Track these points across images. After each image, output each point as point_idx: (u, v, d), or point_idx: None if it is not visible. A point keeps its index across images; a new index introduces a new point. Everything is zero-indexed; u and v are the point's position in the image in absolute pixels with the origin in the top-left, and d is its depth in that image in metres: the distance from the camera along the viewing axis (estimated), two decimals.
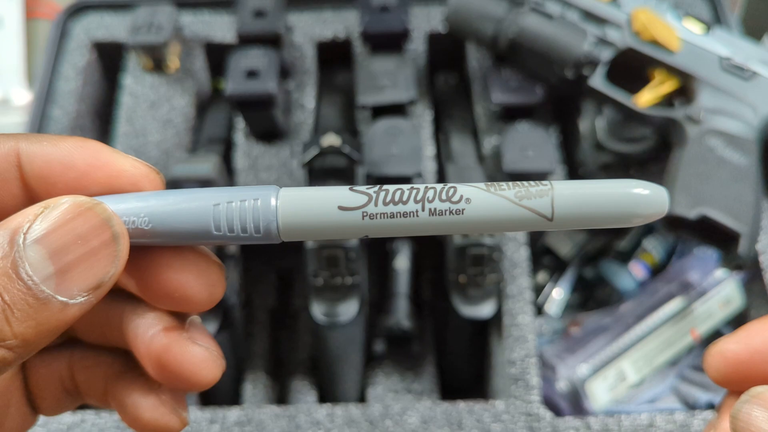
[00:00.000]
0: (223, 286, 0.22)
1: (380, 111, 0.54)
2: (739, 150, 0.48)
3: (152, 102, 0.59)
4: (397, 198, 0.19)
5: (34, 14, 0.79)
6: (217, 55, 0.60)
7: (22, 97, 0.75)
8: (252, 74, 0.52)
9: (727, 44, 0.51)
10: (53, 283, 0.17)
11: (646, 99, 0.51)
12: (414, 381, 0.54)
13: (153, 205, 0.19)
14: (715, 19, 0.61)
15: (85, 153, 0.20)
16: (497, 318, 0.50)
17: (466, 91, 0.61)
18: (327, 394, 0.53)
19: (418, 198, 0.19)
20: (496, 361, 0.51)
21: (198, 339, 0.22)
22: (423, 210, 0.19)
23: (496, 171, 0.54)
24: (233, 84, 0.52)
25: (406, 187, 0.19)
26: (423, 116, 0.56)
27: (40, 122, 0.58)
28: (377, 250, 0.53)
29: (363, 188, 0.19)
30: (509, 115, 0.55)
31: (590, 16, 0.52)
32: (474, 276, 0.47)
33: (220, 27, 0.62)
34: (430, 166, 0.54)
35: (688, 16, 0.52)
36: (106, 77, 0.64)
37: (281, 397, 0.54)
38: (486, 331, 0.53)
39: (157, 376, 0.22)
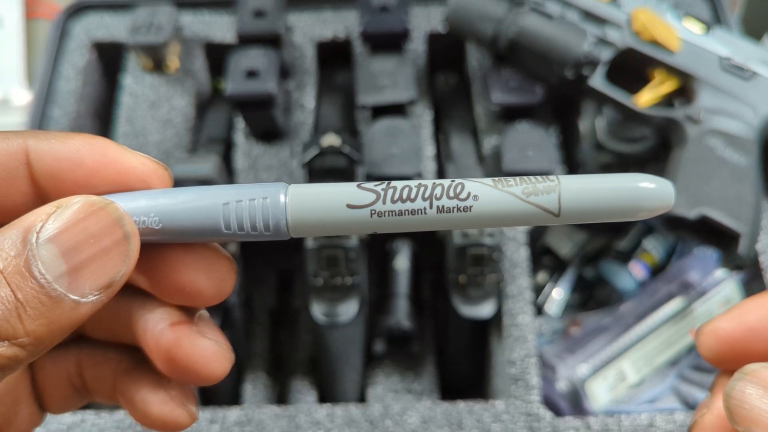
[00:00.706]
0: (233, 281, 0.22)
1: (380, 111, 0.54)
2: (739, 150, 0.48)
3: (152, 102, 0.59)
4: (405, 195, 0.19)
5: (34, 14, 0.79)
6: (217, 55, 0.60)
7: (22, 97, 0.75)
8: (252, 74, 0.52)
9: (727, 44, 0.51)
10: (65, 281, 0.18)
11: (646, 99, 0.51)
12: (414, 381, 0.54)
13: (162, 204, 0.20)
14: (715, 19, 0.61)
15: (94, 150, 0.20)
16: (497, 318, 0.50)
17: (466, 91, 0.61)
18: (327, 394, 0.53)
19: (426, 195, 0.19)
20: (496, 361, 0.51)
21: (207, 332, 0.22)
22: (431, 207, 0.19)
23: (496, 171, 0.54)
24: (233, 84, 0.52)
25: (413, 183, 0.19)
26: (423, 116, 0.56)
27: (39, 122, 0.58)
28: (377, 250, 0.53)
29: (371, 185, 0.19)
30: (509, 115, 0.55)
31: (590, 16, 0.52)
32: (474, 276, 0.47)
33: (220, 27, 0.62)
34: (430, 166, 0.54)
35: (688, 16, 0.52)
36: (106, 77, 0.64)
37: (281, 397, 0.54)
38: (486, 331, 0.53)
39: (166, 370, 0.22)
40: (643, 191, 0.19)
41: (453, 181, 0.19)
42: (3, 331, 0.17)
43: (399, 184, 0.19)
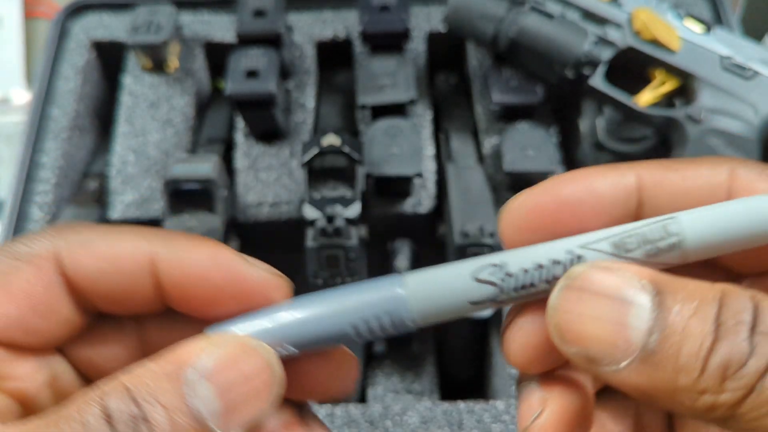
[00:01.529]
0: (355, 379, 0.22)
1: (380, 111, 0.54)
2: (740, 150, 0.48)
3: (152, 102, 0.59)
4: (526, 283, 0.19)
5: (33, 14, 0.79)
6: (217, 55, 0.60)
7: (22, 96, 0.75)
8: (252, 74, 0.52)
9: (727, 44, 0.51)
10: (218, 419, 0.18)
11: (646, 99, 0.51)
12: (414, 381, 0.54)
13: (296, 333, 0.20)
14: (716, 18, 0.61)
15: (221, 268, 0.20)
16: (497, 318, 0.50)
17: (466, 91, 0.61)
18: None
19: (548, 279, 0.19)
20: (496, 361, 0.51)
21: (317, 431, 0.22)
22: (552, 288, 0.19)
23: (496, 171, 0.54)
24: (233, 84, 0.52)
25: (531, 265, 0.19)
26: (423, 116, 0.56)
27: (39, 122, 0.58)
28: (377, 250, 0.53)
29: (486, 273, 0.19)
30: (509, 115, 0.55)
31: (590, 16, 0.52)
32: None
33: (220, 27, 0.62)
34: (430, 166, 0.54)
35: (689, 15, 0.52)
36: (106, 77, 0.64)
37: None
38: (486, 331, 0.53)
39: None
40: None
41: (572, 253, 0.18)
42: None
43: (517, 269, 0.19)
